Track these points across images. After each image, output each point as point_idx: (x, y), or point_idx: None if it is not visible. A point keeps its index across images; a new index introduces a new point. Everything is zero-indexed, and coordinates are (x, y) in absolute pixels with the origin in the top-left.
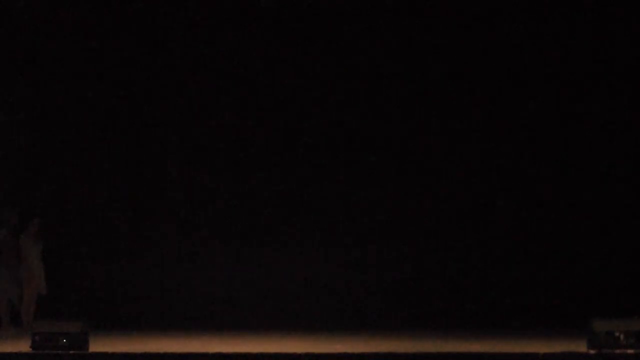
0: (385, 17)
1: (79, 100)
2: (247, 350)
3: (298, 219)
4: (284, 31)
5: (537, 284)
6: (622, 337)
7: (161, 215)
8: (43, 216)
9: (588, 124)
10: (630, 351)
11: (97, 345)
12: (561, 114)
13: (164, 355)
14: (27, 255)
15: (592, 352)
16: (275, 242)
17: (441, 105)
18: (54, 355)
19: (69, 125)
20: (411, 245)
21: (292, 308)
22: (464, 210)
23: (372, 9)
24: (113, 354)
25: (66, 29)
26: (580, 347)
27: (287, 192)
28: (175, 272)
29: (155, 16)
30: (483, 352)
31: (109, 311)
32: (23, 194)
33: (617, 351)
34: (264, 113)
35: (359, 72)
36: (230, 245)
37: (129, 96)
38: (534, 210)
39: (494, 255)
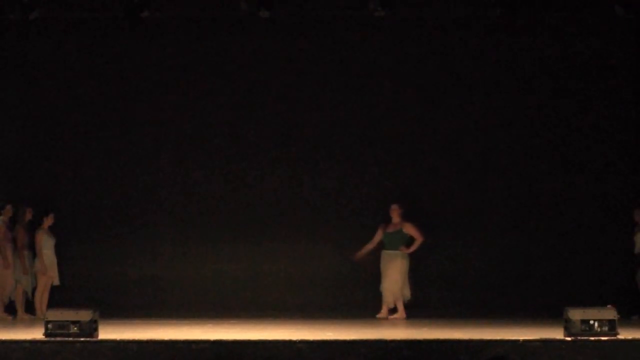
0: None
1: (87, 100)
2: (246, 338)
3: (295, 211)
4: (280, 36)
5: (516, 275)
6: (596, 324)
7: (171, 206)
8: (56, 211)
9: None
10: (604, 338)
11: (105, 333)
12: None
13: (168, 342)
14: (42, 248)
15: (568, 339)
16: (272, 235)
17: (444, 103)
18: (65, 342)
19: (78, 123)
20: None
21: (289, 299)
22: (443, 201)
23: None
24: (120, 341)
25: (60, 26)
26: (558, 334)
27: (286, 185)
28: (181, 263)
29: (150, 12)
30: (465, 339)
31: (117, 301)
32: (35, 190)
33: (592, 338)
34: (262, 110)
35: (357, 71)
36: (235, 237)
37: (126, 96)
38: (511, 201)
39: (475, 246)
